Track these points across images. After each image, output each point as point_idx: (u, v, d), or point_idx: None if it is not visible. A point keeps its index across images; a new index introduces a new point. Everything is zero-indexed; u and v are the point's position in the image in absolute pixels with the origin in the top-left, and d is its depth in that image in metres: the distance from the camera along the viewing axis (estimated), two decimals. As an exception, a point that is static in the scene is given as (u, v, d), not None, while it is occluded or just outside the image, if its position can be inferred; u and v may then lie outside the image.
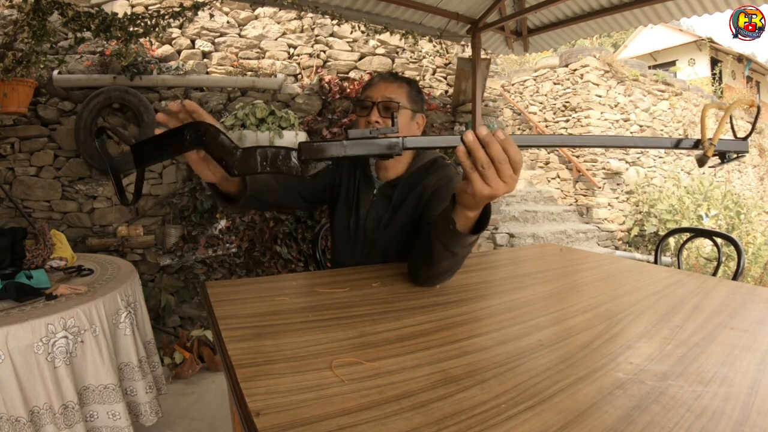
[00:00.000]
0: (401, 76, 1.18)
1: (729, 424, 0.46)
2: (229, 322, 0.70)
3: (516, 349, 0.64)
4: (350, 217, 1.22)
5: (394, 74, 1.17)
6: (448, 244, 0.81)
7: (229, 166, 0.59)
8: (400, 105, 1.11)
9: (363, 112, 1.12)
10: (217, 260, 3.09)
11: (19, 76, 2.21)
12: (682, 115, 6.86)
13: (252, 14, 3.55)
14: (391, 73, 1.17)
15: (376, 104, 1.10)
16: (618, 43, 11.91)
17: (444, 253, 0.83)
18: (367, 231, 1.19)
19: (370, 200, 1.20)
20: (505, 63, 8.45)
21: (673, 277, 1.15)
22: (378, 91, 1.12)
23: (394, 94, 1.12)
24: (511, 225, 4.85)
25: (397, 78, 1.16)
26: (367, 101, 1.12)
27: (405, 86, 1.15)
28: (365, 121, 1.11)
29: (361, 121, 1.12)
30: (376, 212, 1.19)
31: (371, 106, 1.11)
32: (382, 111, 1.10)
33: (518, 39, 3.45)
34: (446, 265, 0.86)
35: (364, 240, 1.20)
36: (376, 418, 0.45)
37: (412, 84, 1.17)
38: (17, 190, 2.74)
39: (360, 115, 1.13)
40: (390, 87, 1.12)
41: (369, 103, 1.11)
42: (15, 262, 1.56)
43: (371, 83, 1.15)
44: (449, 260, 0.85)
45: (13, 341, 1.08)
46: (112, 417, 1.28)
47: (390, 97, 1.11)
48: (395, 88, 1.12)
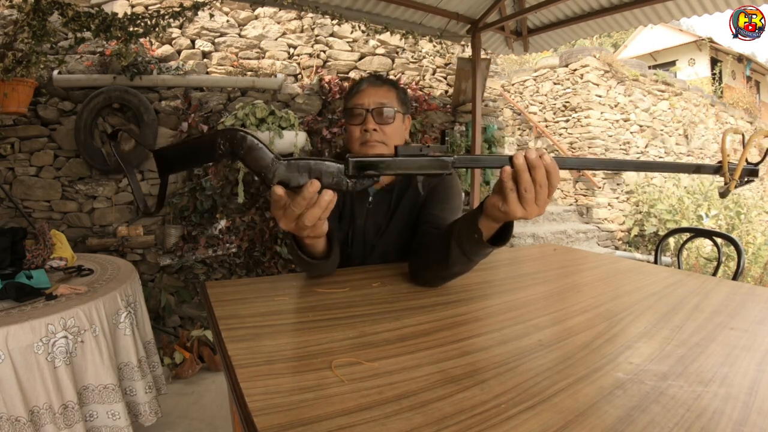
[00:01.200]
0: (387, 78, 1.15)
1: (729, 424, 0.46)
2: (229, 322, 0.70)
3: (516, 349, 0.64)
4: (348, 228, 1.18)
5: (380, 78, 1.14)
6: (467, 251, 0.81)
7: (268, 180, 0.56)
8: (395, 111, 1.08)
9: (355, 120, 1.08)
10: (217, 260, 3.09)
11: (19, 76, 2.21)
12: (682, 115, 6.86)
13: (252, 14, 3.55)
14: (377, 77, 1.13)
15: (370, 111, 1.06)
16: (618, 43, 11.91)
17: (461, 258, 0.83)
18: (367, 238, 1.18)
19: (365, 209, 1.17)
20: (505, 63, 8.45)
21: (673, 277, 1.15)
22: (369, 98, 1.08)
23: (386, 98, 1.08)
24: (511, 225, 4.84)
25: (384, 81, 1.12)
26: (359, 109, 1.07)
27: (393, 89, 1.12)
28: (360, 129, 1.07)
29: (355, 129, 1.08)
30: (375, 220, 1.17)
31: (365, 114, 1.07)
32: (377, 117, 1.06)
33: (518, 39, 3.44)
34: (459, 269, 0.87)
35: (363, 248, 1.18)
36: (376, 418, 0.45)
37: (398, 86, 1.14)
38: (17, 190, 2.74)
39: (352, 124, 1.09)
40: (380, 92, 1.09)
41: (362, 111, 1.07)
42: (15, 262, 1.56)
43: (359, 89, 1.10)
44: (464, 265, 0.85)
45: (13, 341, 1.08)
46: (111, 417, 1.28)
47: (383, 102, 1.07)
48: (385, 92, 1.09)
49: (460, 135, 3.90)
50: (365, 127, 1.06)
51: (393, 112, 1.08)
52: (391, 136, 1.08)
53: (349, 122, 1.10)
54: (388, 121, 1.07)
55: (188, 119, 2.99)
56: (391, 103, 1.09)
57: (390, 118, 1.08)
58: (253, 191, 3.12)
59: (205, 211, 3.01)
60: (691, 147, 7.01)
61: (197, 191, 2.99)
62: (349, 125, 1.11)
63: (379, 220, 1.17)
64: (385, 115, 1.07)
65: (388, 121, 1.07)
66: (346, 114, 1.11)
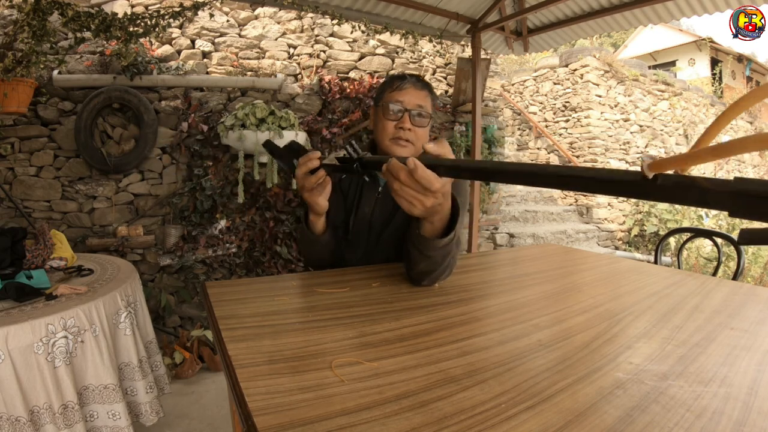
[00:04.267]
0: (426, 82, 1.18)
1: (729, 424, 0.46)
2: (229, 322, 0.70)
3: (516, 349, 0.64)
4: (349, 216, 1.21)
5: (421, 80, 1.17)
6: (420, 248, 0.86)
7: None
8: (430, 117, 1.14)
9: (393, 116, 1.12)
10: (217, 260, 3.09)
11: (19, 76, 2.20)
12: (682, 115, 6.86)
13: (252, 14, 3.55)
14: (419, 79, 1.17)
15: (408, 111, 1.11)
16: (618, 43, 11.90)
17: (419, 257, 0.88)
18: (374, 227, 1.20)
19: (374, 198, 1.19)
20: (505, 63, 8.44)
21: (673, 277, 1.15)
22: (410, 98, 1.12)
23: (424, 102, 1.13)
24: (511, 225, 4.85)
25: (425, 85, 1.16)
26: (399, 106, 1.11)
27: (430, 95, 1.16)
28: (395, 125, 1.11)
29: (389, 125, 1.12)
30: (381, 210, 1.19)
31: (404, 112, 1.11)
32: (413, 119, 1.11)
33: (518, 39, 3.44)
34: (424, 266, 0.89)
35: (368, 236, 1.20)
36: (376, 418, 0.45)
37: (433, 92, 1.19)
38: (17, 190, 2.74)
39: (388, 119, 1.13)
40: (420, 95, 1.13)
41: (401, 108, 1.11)
42: (15, 262, 1.56)
43: (402, 87, 1.13)
44: (425, 262, 0.88)
45: (13, 341, 1.08)
46: (112, 417, 1.28)
47: (422, 105, 1.12)
48: (424, 97, 1.13)
49: (460, 135, 3.90)
50: (401, 125, 1.11)
51: (428, 117, 1.14)
52: (420, 138, 1.14)
53: (385, 116, 1.13)
54: (422, 124, 1.13)
55: (188, 119, 2.99)
56: (428, 107, 1.14)
57: (424, 122, 1.13)
58: (253, 191, 3.13)
59: (205, 211, 3.01)
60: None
61: (197, 191, 2.99)
62: (384, 119, 1.13)
63: (387, 209, 1.18)
64: (421, 118, 1.12)
65: (423, 124, 1.13)
66: (383, 107, 1.14)
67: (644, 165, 0.36)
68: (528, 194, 5.62)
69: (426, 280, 0.94)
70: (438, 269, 0.90)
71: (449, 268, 0.95)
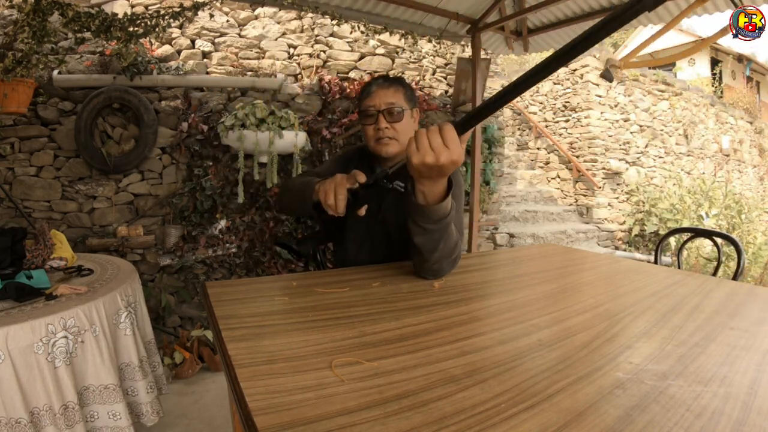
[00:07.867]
0: (394, 78, 1.24)
1: (729, 424, 0.46)
2: (229, 322, 0.70)
3: (515, 348, 0.64)
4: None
5: (388, 78, 1.23)
6: (416, 218, 0.89)
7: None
8: (403, 110, 1.19)
9: (369, 120, 1.20)
10: (217, 260, 3.09)
11: (19, 76, 2.20)
12: (682, 115, 6.85)
13: (252, 14, 3.55)
14: (385, 78, 1.23)
15: (381, 112, 1.17)
16: (618, 43, 11.89)
17: (416, 229, 0.91)
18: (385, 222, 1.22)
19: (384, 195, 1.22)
20: (505, 63, 8.44)
21: (673, 277, 1.15)
22: (379, 99, 1.18)
23: (394, 98, 1.18)
24: (511, 225, 4.85)
25: (392, 82, 1.21)
26: (371, 110, 1.19)
27: (401, 88, 1.21)
28: (374, 128, 1.19)
29: (369, 128, 1.20)
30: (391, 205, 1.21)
31: (376, 114, 1.18)
32: (387, 117, 1.18)
33: (518, 39, 3.44)
34: (421, 241, 0.92)
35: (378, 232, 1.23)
36: (376, 417, 0.46)
37: (405, 84, 1.24)
38: (17, 190, 2.74)
39: (366, 124, 1.21)
40: (388, 93, 1.19)
41: (374, 112, 1.18)
42: (15, 262, 1.55)
43: (369, 92, 1.21)
44: (423, 236, 0.91)
45: (13, 341, 1.08)
46: (112, 417, 1.28)
47: (392, 102, 1.18)
48: (393, 93, 1.19)
49: (460, 135, 3.90)
50: (378, 126, 1.18)
51: (402, 110, 1.19)
52: (402, 132, 1.20)
53: (364, 122, 1.22)
54: (398, 118, 1.18)
55: (188, 119, 2.99)
56: (400, 101, 1.19)
57: (400, 116, 1.18)
58: (253, 191, 3.13)
59: (205, 211, 3.01)
60: (691, 147, 7.01)
61: (197, 191, 2.99)
62: (363, 125, 1.22)
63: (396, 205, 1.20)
64: (395, 114, 1.18)
65: (398, 118, 1.19)
66: (360, 115, 1.22)
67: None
68: (528, 194, 5.63)
69: (430, 262, 0.95)
70: (438, 250, 0.92)
71: (452, 254, 0.96)
